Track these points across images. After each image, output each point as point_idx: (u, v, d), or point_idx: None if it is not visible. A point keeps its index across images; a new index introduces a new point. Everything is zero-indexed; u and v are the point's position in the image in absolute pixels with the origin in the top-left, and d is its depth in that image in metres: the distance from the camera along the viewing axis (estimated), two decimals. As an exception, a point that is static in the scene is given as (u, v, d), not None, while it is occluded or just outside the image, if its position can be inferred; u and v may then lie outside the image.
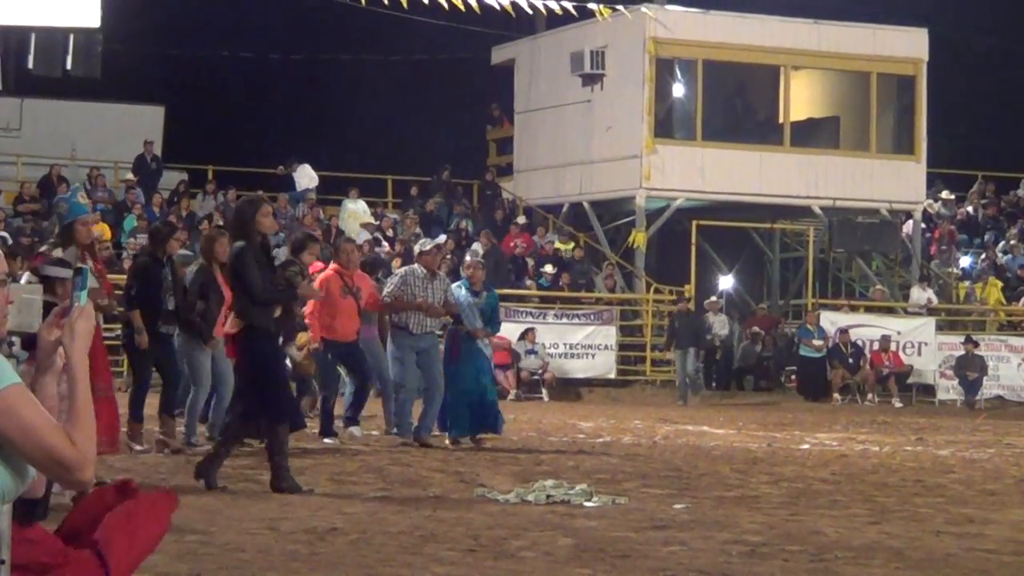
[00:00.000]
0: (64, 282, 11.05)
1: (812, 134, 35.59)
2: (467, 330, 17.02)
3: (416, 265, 17.06)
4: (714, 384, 32.46)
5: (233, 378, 14.56)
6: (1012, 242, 37.42)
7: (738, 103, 35.98)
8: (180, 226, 24.50)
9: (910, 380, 31.49)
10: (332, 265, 17.43)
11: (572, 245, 34.62)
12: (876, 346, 31.23)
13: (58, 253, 11.82)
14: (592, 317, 31.37)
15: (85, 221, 12.11)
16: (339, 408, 17.56)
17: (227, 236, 16.43)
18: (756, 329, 33.07)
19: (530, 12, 31.75)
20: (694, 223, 33.96)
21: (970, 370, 30.87)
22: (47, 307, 10.83)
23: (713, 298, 33.58)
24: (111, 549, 4.67)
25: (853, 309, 33.52)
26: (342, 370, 17.35)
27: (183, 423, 15.35)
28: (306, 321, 16.93)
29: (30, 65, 20.72)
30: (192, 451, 14.58)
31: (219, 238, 15.42)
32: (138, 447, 14.66)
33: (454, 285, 17.40)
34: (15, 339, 5.26)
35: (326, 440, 16.48)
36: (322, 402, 17.47)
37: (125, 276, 18.09)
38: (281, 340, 13.75)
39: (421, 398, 16.95)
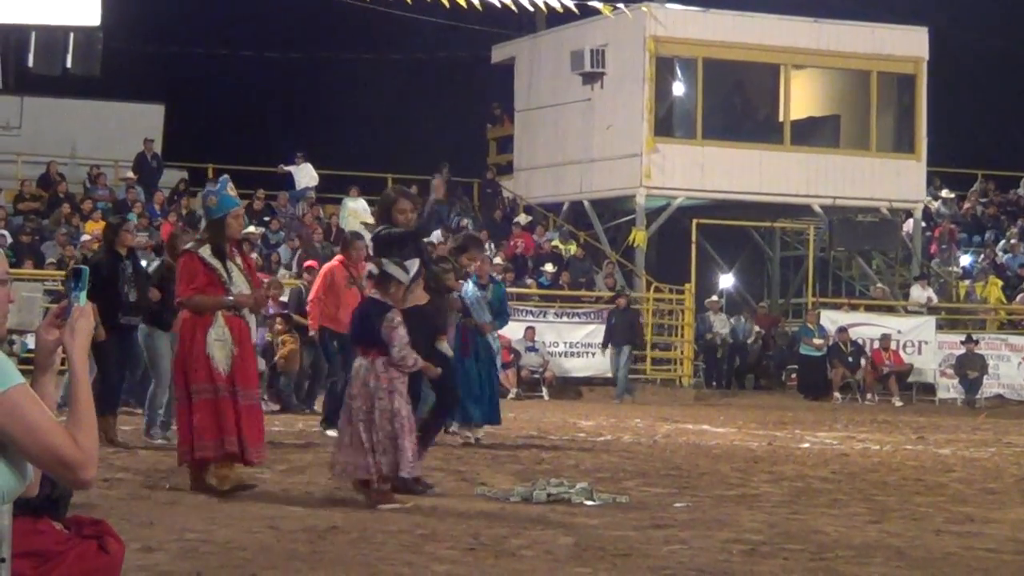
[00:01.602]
0: (400, 284, 10.98)
1: (812, 133, 35.58)
2: (475, 324, 17.05)
3: None
4: (714, 383, 32.45)
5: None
6: (1012, 241, 37.42)
7: (738, 102, 35.97)
8: (138, 216, 24.62)
9: (910, 379, 31.49)
10: (338, 256, 17.59)
11: (572, 244, 34.61)
12: (876, 345, 31.22)
13: (206, 250, 11.24)
14: (592, 316, 31.33)
15: (237, 215, 11.45)
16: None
17: (190, 235, 16.94)
18: (756, 328, 33.08)
19: (531, 10, 31.77)
20: (694, 222, 33.96)
21: (970, 369, 30.87)
22: (380, 307, 10.75)
23: (714, 297, 33.58)
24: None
25: (853, 308, 33.52)
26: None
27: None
28: (307, 309, 16.91)
29: (30, 63, 20.71)
30: (148, 444, 15.20)
31: (182, 236, 16.08)
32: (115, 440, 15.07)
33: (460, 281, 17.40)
34: (15, 337, 5.28)
35: (329, 432, 16.48)
36: (330, 387, 17.40)
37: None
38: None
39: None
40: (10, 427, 4.12)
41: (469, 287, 17.22)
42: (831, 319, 31.85)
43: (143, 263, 17.12)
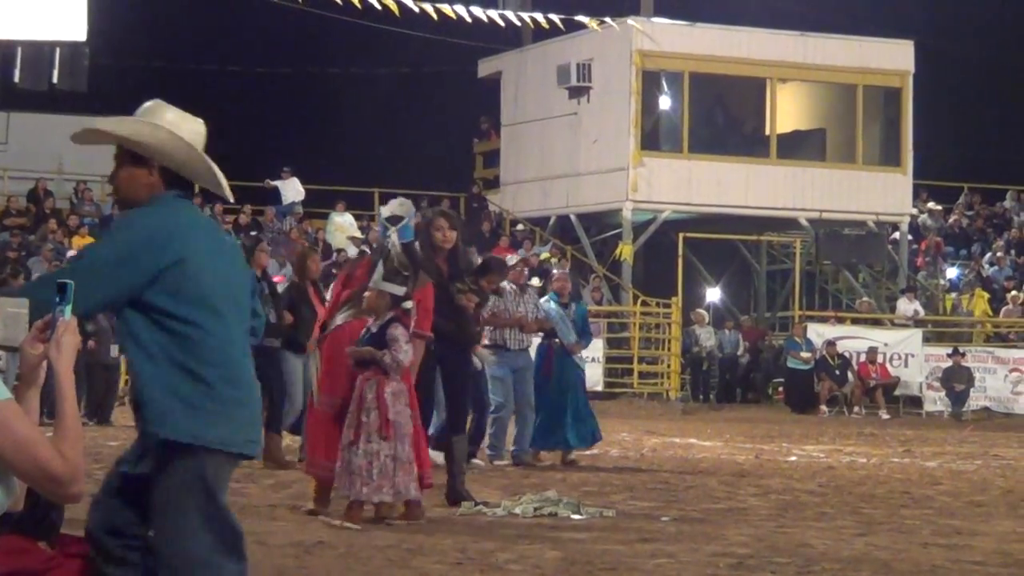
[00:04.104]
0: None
1: (798, 146, 35.62)
2: (562, 344, 16.74)
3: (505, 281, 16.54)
4: (701, 397, 32.43)
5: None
6: (998, 254, 37.47)
7: (724, 115, 36.01)
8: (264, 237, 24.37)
9: (897, 392, 31.49)
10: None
11: (558, 258, 34.61)
12: (863, 358, 31.22)
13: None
14: (579, 329, 31.23)
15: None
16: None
17: (318, 253, 16.08)
18: (743, 342, 33.09)
19: (517, 24, 31.81)
20: (681, 235, 33.96)
21: (957, 382, 30.88)
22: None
23: (700, 310, 33.57)
24: None
25: (840, 321, 33.53)
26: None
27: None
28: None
29: (16, 79, 20.73)
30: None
31: (311, 255, 15.74)
32: None
33: (542, 299, 17.04)
34: (2, 354, 5.28)
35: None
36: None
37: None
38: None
39: (513, 418, 16.42)
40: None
41: (552, 306, 16.76)
42: (818, 332, 31.86)
43: None
